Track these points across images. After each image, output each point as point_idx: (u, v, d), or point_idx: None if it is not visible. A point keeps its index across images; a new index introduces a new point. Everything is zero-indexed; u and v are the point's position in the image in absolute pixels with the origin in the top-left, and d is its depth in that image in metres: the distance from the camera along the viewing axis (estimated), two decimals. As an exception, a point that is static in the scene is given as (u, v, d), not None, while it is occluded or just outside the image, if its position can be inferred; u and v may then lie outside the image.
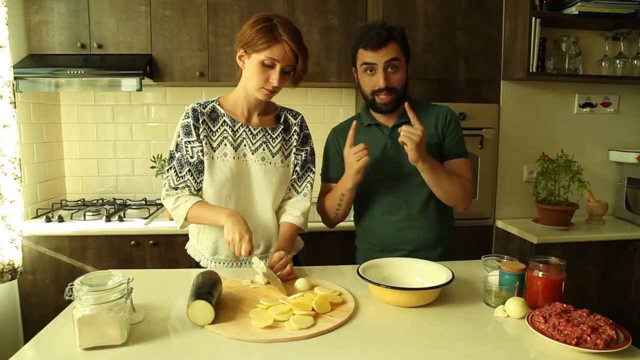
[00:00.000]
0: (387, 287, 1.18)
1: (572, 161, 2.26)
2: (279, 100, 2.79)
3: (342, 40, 2.58)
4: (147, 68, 2.42)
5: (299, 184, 1.58)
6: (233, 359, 0.95)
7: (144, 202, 2.76)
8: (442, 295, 1.25)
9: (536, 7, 2.26)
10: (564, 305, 1.08)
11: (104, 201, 2.76)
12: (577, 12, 2.24)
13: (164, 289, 1.32)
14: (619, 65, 2.44)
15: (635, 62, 2.46)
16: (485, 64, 2.45)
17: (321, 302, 1.13)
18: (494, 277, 1.27)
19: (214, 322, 1.06)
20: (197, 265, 1.55)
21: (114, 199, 2.80)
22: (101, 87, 2.48)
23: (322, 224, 2.31)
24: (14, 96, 2.08)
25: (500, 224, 2.50)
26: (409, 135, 1.39)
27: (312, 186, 1.60)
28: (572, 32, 2.45)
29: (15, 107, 2.08)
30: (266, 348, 0.97)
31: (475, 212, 2.49)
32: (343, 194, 1.55)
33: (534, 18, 2.23)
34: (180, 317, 1.11)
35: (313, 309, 1.10)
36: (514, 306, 1.13)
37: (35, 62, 2.40)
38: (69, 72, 2.33)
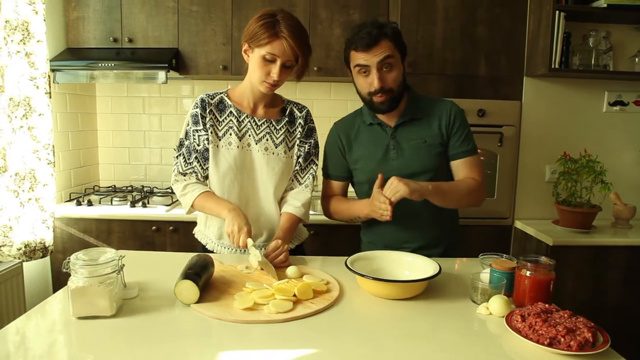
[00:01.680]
0: (372, 278, 1.20)
1: (596, 161, 2.17)
2: (303, 93, 2.86)
3: (364, 35, 2.58)
4: (172, 62, 2.52)
5: (302, 175, 1.62)
6: (211, 336, 1.00)
7: (169, 190, 2.88)
8: (430, 290, 1.26)
9: (561, 1, 2.18)
10: (547, 305, 1.07)
11: (133, 188, 2.91)
12: (605, 5, 2.14)
13: (162, 269, 1.40)
14: (653, 62, 2.32)
15: (673, 58, 2.32)
16: (507, 60, 2.39)
17: (304, 289, 1.17)
18: (485, 275, 1.26)
19: (200, 301, 1.12)
20: (203, 248, 1.63)
21: (142, 186, 2.94)
22: (133, 79, 2.61)
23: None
24: (49, 87, 2.23)
25: (518, 224, 2.44)
26: (394, 195, 1.38)
27: (314, 178, 1.64)
28: (603, 27, 2.33)
29: (50, 97, 2.23)
30: (240, 328, 1.02)
31: (493, 212, 2.44)
32: (359, 217, 1.58)
33: (557, 12, 2.14)
34: (170, 296, 1.18)
35: (295, 295, 1.14)
36: (497, 304, 1.13)
37: (71, 55, 2.56)
38: (101, 64, 2.47)
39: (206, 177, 1.57)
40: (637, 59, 2.35)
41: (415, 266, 1.31)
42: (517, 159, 2.46)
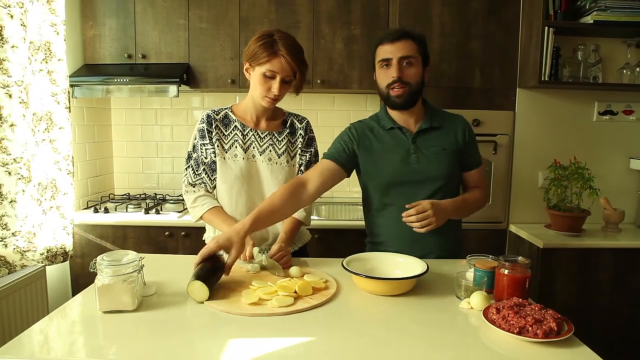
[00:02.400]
0: (364, 276, 1.32)
1: (584, 168, 2.28)
2: (307, 104, 2.99)
3: (364, 49, 2.72)
4: (184, 76, 2.68)
5: None
6: (221, 327, 1.13)
7: (181, 197, 3.02)
8: (419, 288, 1.38)
9: (550, 17, 2.30)
10: (520, 300, 1.19)
11: (146, 196, 3.07)
12: (592, 22, 2.26)
13: (177, 271, 1.53)
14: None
15: (659, 70, 2.43)
16: (501, 72, 2.51)
17: (304, 286, 1.30)
18: (470, 274, 1.39)
19: (211, 298, 1.25)
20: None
21: (155, 194, 3.10)
22: (146, 92, 2.76)
23: (336, 222, 2.49)
24: (69, 102, 2.39)
25: (513, 228, 2.55)
26: (427, 224, 1.50)
27: None
28: (592, 40, 2.45)
29: (70, 112, 2.39)
30: (247, 320, 1.16)
31: (489, 216, 2.55)
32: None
33: (547, 27, 2.27)
34: (184, 294, 1.31)
35: (295, 292, 1.27)
36: (477, 299, 1.25)
37: (89, 71, 2.73)
38: (116, 80, 2.63)
39: (214, 187, 1.71)
40: (624, 71, 2.47)
41: (406, 266, 1.44)
42: (511, 166, 2.58)
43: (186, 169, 1.72)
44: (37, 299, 2.14)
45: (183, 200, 2.93)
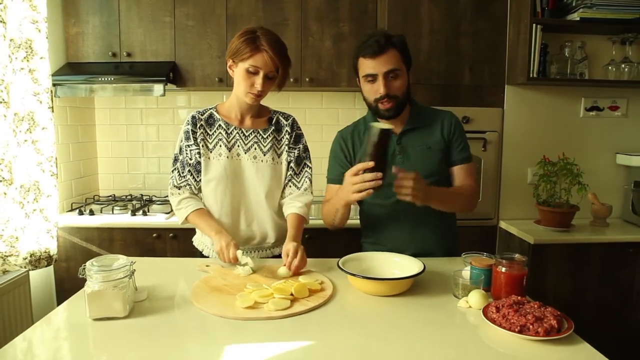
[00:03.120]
0: (361, 277, 1.31)
1: (573, 164, 2.30)
2: (295, 102, 2.96)
3: (353, 47, 2.65)
4: (170, 74, 2.63)
5: (298, 180, 1.71)
6: (216, 332, 1.10)
7: (168, 198, 2.97)
8: (416, 287, 1.37)
9: (537, 14, 2.31)
10: (519, 297, 1.18)
11: (132, 197, 3.00)
12: (578, 19, 2.28)
13: (168, 274, 1.51)
14: (625, 70, 2.45)
15: (642, 66, 2.47)
16: (490, 69, 2.52)
17: (300, 289, 1.27)
18: (466, 272, 1.38)
19: (203, 301, 1.22)
20: (201, 254, 1.74)
21: (142, 195, 3.04)
22: (128, 91, 2.69)
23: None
24: (52, 101, 2.33)
25: (503, 224, 2.57)
26: (405, 191, 1.41)
27: (311, 181, 1.73)
28: (578, 37, 2.48)
29: (53, 112, 2.32)
30: (243, 325, 1.13)
31: (479, 213, 2.56)
32: (337, 209, 1.60)
33: (534, 25, 2.28)
34: (177, 298, 1.29)
35: (292, 294, 1.25)
36: (475, 298, 1.24)
37: (72, 70, 2.65)
38: (101, 79, 2.57)
39: (199, 189, 1.68)
40: (610, 67, 2.50)
41: (402, 266, 1.42)
42: (500, 162, 2.59)
43: (172, 171, 1.68)
44: (21, 305, 2.07)
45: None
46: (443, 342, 1.07)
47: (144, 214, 2.56)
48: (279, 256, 1.62)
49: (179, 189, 1.66)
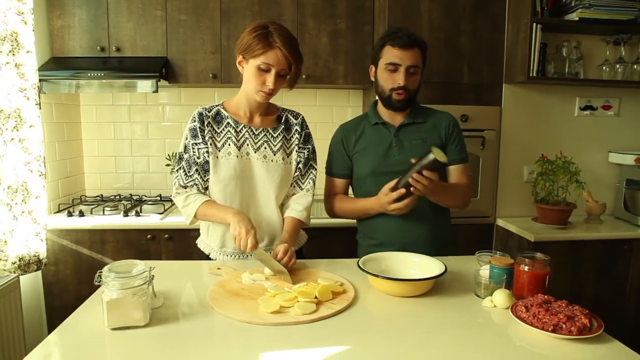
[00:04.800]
0: (385, 278, 1.28)
1: (571, 162, 2.33)
2: (290, 99, 2.92)
3: (350, 44, 2.68)
4: (162, 70, 2.54)
5: (302, 181, 1.68)
6: (243, 339, 1.06)
7: (159, 198, 2.89)
8: (436, 287, 1.35)
9: (537, 14, 2.34)
10: (546, 296, 1.18)
11: (121, 197, 2.90)
12: (577, 19, 2.31)
13: (179, 278, 1.45)
14: (619, 70, 2.51)
15: (635, 66, 2.52)
16: (488, 68, 2.53)
17: (323, 291, 1.24)
18: (485, 271, 1.37)
19: (224, 307, 1.17)
20: (206, 257, 1.67)
21: (131, 194, 2.93)
22: (119, 88, 2.59)
23: (326, 220, 2.43)
24: (39, 97, 2.21)
25: (500, 222, 2.59)
26: (421, 187, 1.48)
27: (314, 182, 1.71)
28: (574, 37, 2.51)
29: (40, 108, 2.21)
30: (272, 330, 1.09)
31: (476, 211, 2.57)
32: (368, 213, 1.70)
33: (534, 24, 2.30)
34: (193, 304, 1.23)
35: (316, 297, 1.21)
36: (500, 297, 1.23)
37: (58, 65, 2.53)
38: (89, 74, 2.46)
39: (206, 189, 1.61)
40: (604, 68, 2.55)
41: (422, 265, 1.41)
42: (498, 160, 2.61)
43: (177, 170, 1.61)
44: (12, 312, 1.97)
45: (163, 201, 2.80)
46: (475, 344, 1.05)
47: (137, 214, 2.47)
48: None
49: (185, 189, 1.59)
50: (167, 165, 2.63)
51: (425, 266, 1.40)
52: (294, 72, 1.53)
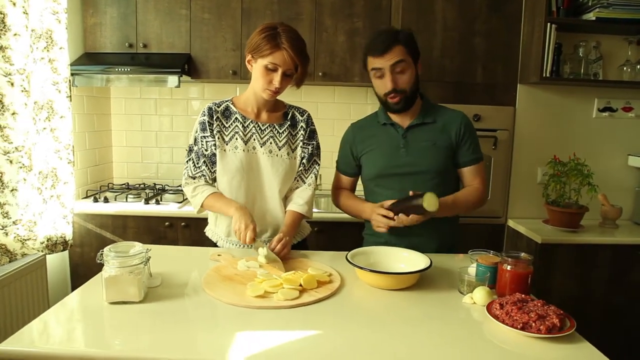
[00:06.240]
0: (368, 270, 1.34)
1: (583, 165, 2.29)
2: (308, 96, 2.99)
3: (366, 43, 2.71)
4: (185, 66, 2.67)
5: (306, 175, 1.75)
6: (227, 319, 1.14)
7: (180, 188, 3.03)
8: (422, 282, 1.40)
9: (552, 13, 2.30)
10: (523, 295, 1.20)
11: (145, 185, 3.06)
12: (594, 18, 2.27)
13: (181, 262, 1.55)
14: (640, 71, 2.44)
15: (659, 68, 2.45)
16: (503, 68, 2.52)
17: (309, 280, 1.31)
18: (472, 269, 1.40)
19: (215, 290, 1.26)
20: (214, 245, 1.78)
21: (155, 184, 3.09)
22: (147, 82, 2.73)
23: (335, 215, 2.52)
24: (70, 90, 2.38)
25: (511, 223, 2.57)
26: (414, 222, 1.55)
27: (316, 177, 1.77)
28: (593, 37, 2.46)
29: (71, 101, 2.38)
30: (254, 313, 1.17)
31: (487, 211, 2.57)
32: (360, 216, 1.77)
33: (549, 24, 2.27)
34: (189, 286, 1.33)
35: (301, 285, 1.29)
36: (480, 295, 1.26)
37: (89, 60, 2.70)
38: (117, 69, 2.61)
39: (214, 180, 1.71)
40: (625, 68, 2.48)
41: (410, 260, 1.46)
42: (511, 161, 2.59)
43: (187, 161, 1.72)
44: (38, 288, 2.14)
45: (182, 190, 2.94)
46: (447, 337, 1.10)
47: (157, 202, 2.61)
48: (293, 248, 1.67)
49: (194, 179, 1.69)
50: (188, 157, 2.76)
51: (413, 261, 1.44)
52: (300, 72, 1.60)
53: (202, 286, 1.31)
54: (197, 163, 1.69)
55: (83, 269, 2.58)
